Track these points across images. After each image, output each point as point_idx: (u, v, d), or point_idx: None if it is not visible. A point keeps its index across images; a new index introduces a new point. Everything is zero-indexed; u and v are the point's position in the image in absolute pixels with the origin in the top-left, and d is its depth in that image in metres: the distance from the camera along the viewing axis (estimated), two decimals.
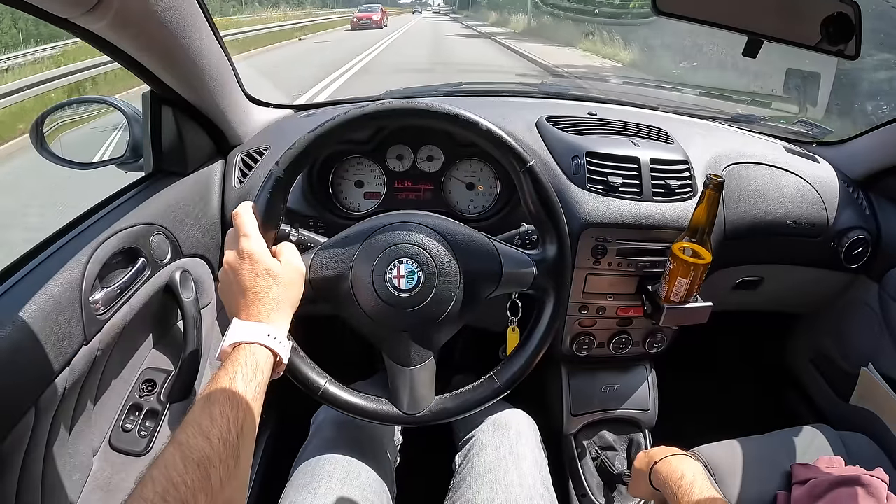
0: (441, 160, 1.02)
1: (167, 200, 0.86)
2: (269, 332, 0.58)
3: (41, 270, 0.63)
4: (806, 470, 0.84)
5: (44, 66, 7.72)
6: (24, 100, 6.16)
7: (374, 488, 0.79)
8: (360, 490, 0.76)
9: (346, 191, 1.03)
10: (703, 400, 1.42)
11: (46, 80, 6.77)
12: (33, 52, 8.26)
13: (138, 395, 0.81)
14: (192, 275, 0.88)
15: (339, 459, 0.80)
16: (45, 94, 6.37)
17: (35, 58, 8.07)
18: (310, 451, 0.83)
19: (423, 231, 0.70)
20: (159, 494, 0.42)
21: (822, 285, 1.20)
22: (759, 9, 0.70)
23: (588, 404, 1.09)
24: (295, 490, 0.76)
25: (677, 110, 1.32)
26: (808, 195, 1.08)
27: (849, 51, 0.75)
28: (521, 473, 0.80)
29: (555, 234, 0.72)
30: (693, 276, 0.84)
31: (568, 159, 0.95)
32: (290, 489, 0.77)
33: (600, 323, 1.02)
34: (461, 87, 1.36)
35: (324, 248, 0.70)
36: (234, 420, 0.49)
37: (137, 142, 0.91)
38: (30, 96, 6.24)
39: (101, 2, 0.57)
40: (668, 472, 0.71)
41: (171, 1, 0.69)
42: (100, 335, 0.67)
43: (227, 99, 0.95)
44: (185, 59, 0.78)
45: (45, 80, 6.74)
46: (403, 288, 0.68)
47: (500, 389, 0.74)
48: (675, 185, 0.93)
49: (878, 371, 1.09)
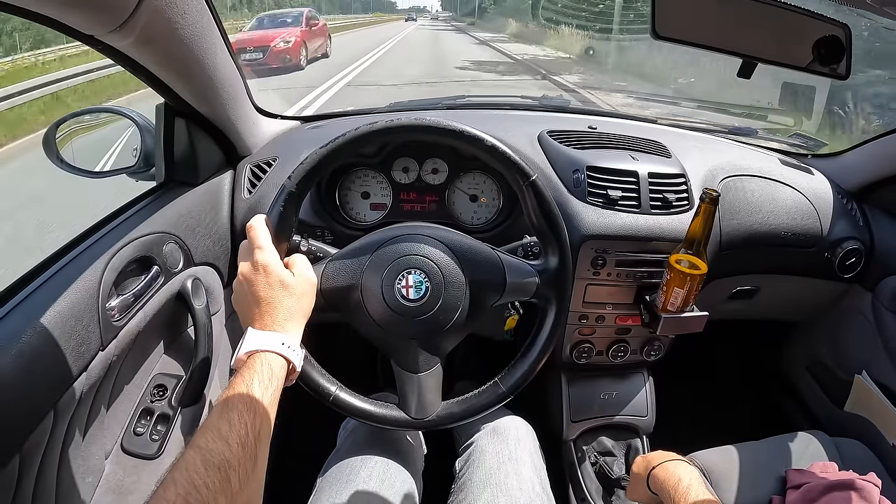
0: (445, 173, 1.04)
1: (179, 210, 0.87)
2: (283, 340, 0.60)
3: (60, 277, 0.65)
4: (800, 475, 0.85)
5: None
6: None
7: (407, 495, 0.81)
8: (394, 494, 0.78)
9: (353, 202, 1.05)
10: (700, 407, 1.44)
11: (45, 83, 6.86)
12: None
13: (150, 399, 0.82)
14: (203, 283, 0.89)
15: (378, 462, 0.82)
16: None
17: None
18: (345, 452, 0.85)
19: (431, 243, 0.73)
20: (181, 496, 0.43)
21: (817, 294, 1.22)
22: (753, 33, 0.72)
23: (587, 411, 1.11)
24: (335, 489, 0.77)
25: (675, 123, 1.35)
26: (802, 206, 1.10)
27: (840, 70, 0.77)
28: (520, 478, 0.81)
29: (556, 246, 0.75)
30: (689, 287, 0.86)
31: (569, 173, 0.97)
32: (326, 486, 0.79)
33: (599, 331, 1.04)
34: (464, 100, 1.38)
35: (335, 260, 0.73)
36: (252, 425, 0.51)
37: (149, 151, 0.93)
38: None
39: (126, 21, 0.59)
40: (666, 476, 0.73)
41: (191, 17, 0.71)
42: (115, 341, 0.69)
43: (238, 111, 0.97)
44: (201, 73, 0.80)
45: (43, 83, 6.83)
46: (412, 297, 0.70)
47: (504, 394, 0.76)
48: (673, 199, 0.95)
49: (872, 378, 1.11)
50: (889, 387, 1.08)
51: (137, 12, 0.60)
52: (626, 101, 1.90)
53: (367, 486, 0.77)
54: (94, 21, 0.58)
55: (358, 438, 0.88)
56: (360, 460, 0.82)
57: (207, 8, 0.74)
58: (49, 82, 7.47)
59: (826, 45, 0.73)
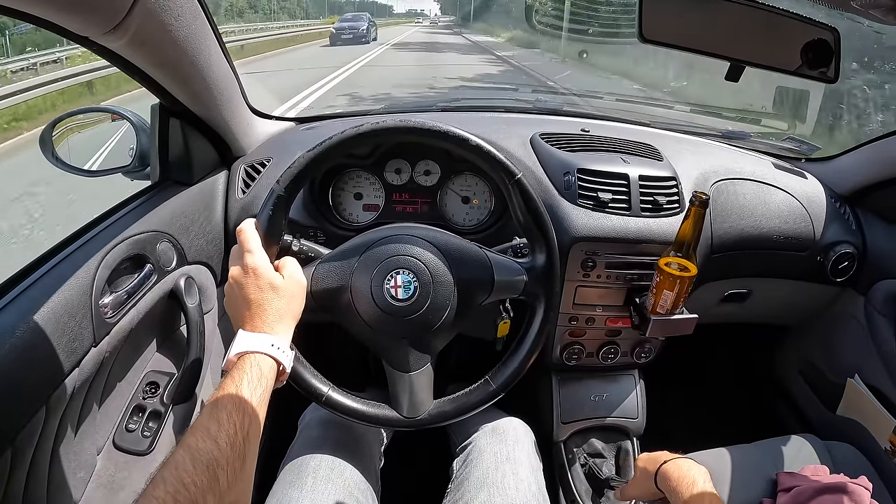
0: (438, 174, 1.05)
1: (173, 209, 0.88)
2: (272, 342, 0.61)
3: (54, 274, 0.66)
4: (791, 478, 0.86)
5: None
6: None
7: (358, 486, 0.81)
8: (344, 487, 0.79)
9: (346, 203, 1.06)
10: (692, 409, 1.44)
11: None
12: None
13: (142, 396, 0.83)
14: (196, 281, 0.90)
15: (325, 458, 0.82)
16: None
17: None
18: (296, 450, 0.85)
19: (418, 243, 0.74)
20: (170, 494, 0.44)
21: (810, 298, 1.22)
22: (741, 36, 0.72)
23: (578, 412, 1.11)
24: (282, 487, 0.78)
25: (669, 127, 1.35)
26: (795, 210, 1.11)
27: (829, 74, 0.78)
28: (517, 478, 0.82)
29: (543, 243, 0.75)
30: (678, 289, 0.87)
31: (560, 175, 0.98)
32: (278, 487, 0.79)
33: (590, 333, 1.04)
34: (459, 102, 1.40)
35: (324, 262, 0.73)
36: (241, 425, 0.52)
37: (144, 151, 0.94)
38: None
39: (120, 23, 0.60)
40: (680, 474, 0.72)
41: (185, 20, 0.72)
42: (108, 338, 0.70)
43: (232, 112, 0.98)
44: (195, 74, 0.81)
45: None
46: (401, 297, 0.71)
47: (495, 392, 0.77)
48: (663, 201, 0.96)
49: (864, 382, 1.11)
50: (881, 390, 1.08)
51: (131, 15, 0.61)
52: (617, 104, 1.89)
53: (314, 483, 0.77)
54: (88, 23, 0.59)
55: (311, 434, 0.88)
56: (308, 458, 0.82)
57: (202, 10, 0.75)
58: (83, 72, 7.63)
59: (814, 49, 0.74)
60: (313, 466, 0.80)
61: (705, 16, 0.71)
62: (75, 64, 8.11)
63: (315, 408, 0.94)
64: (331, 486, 0.78)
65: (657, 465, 0.77)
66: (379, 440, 0.97)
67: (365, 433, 0.92)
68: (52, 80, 7.25)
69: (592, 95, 2.36)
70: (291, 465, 0.82)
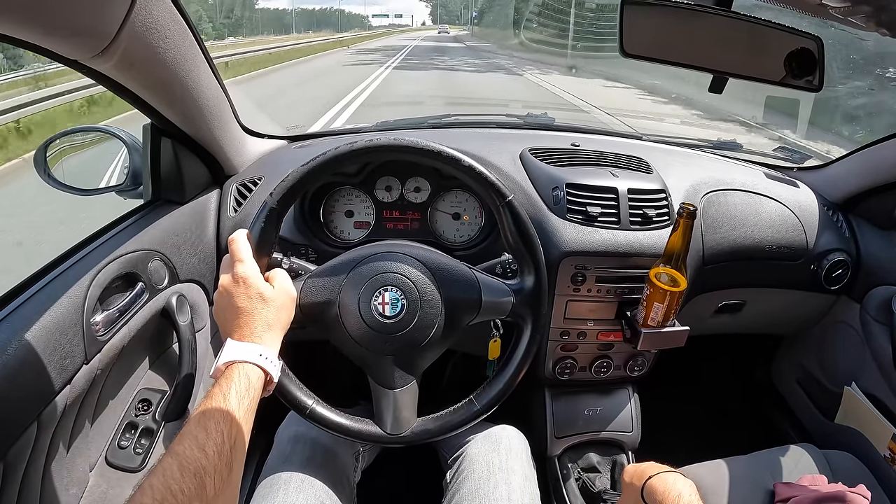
0: (428, 191, 1.05)
1: (165, 228, 0.89)
2: (260, 352, 0.61)
3: (46, 292, 0.66)
4: (789, 488, 0.85)
5: None
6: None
7: (331, 497, 0.81)
8: (315, 498, 0.78)
9: (337, 220, 1.07)
10: (689, 421, 1.43)
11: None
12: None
13: (134, 413, 0.83)
14: (188, 299, 0.91)
15: (294, 473, 0.82)
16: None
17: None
18: (270, 465, 0.85)
19: (407, 261, 0.74)
20: (158, 501, 0.44)
21: (805, 307, 1.22)
22: (723, 48, 0.72)
23: (572, 427, 1.10)
24: (257, 500, 0.78)
25: (659, 139, 1.36)
26: (787, 220, 1.11)
27: (814, 83, 0.78)
28: (510, 489, 0.81)
29: (532, 266, 0.76)
30: (669, 301, 0.86)
31: (549, 190, 0.98)
32: (255, 500, 0.79)
33: (582, 347, 1.04)
34: (449, 118, 1.40)
35: (314, 276, 0.74)
36: (228, 433, 0.52)
37: (137, 170, 0.95)
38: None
39: (108, 46, 0.61)
40: (665, 489, 0.71)
41: (172, 42, 0.73)
42: (99, 355, 0.70)
43: (223, 131, 0.98)
44: (185, 94, 0.82)
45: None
46: (388, 314, 0.71)
47: (479, 412, 0.77)
48: (653, 214, 0.96)
49: (862, 390, 1.11)
50: (879, 398, 1.07)
51: (119, 37, 0.62)
52: (602, 118, 1.92)
53: (286, 495, 0.77)
54: (75, 46, 0.60)
55: (282, 449, 0.88)
56: (280, 472, 0.82)
57: (189, 31, 0.76)
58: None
59: (798, 58, 0.74)
60: (284, 479, 0.80)
61: (686, 29, 0.71)
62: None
63: (287, 423, 0.93)
64: (302, 496, 0.78)
65: (643, 479, 0.76)
66: (353, 454, 0.96)
67: (335, 448, 0.91)
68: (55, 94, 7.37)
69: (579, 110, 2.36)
70: (266, 479, 0.82)
